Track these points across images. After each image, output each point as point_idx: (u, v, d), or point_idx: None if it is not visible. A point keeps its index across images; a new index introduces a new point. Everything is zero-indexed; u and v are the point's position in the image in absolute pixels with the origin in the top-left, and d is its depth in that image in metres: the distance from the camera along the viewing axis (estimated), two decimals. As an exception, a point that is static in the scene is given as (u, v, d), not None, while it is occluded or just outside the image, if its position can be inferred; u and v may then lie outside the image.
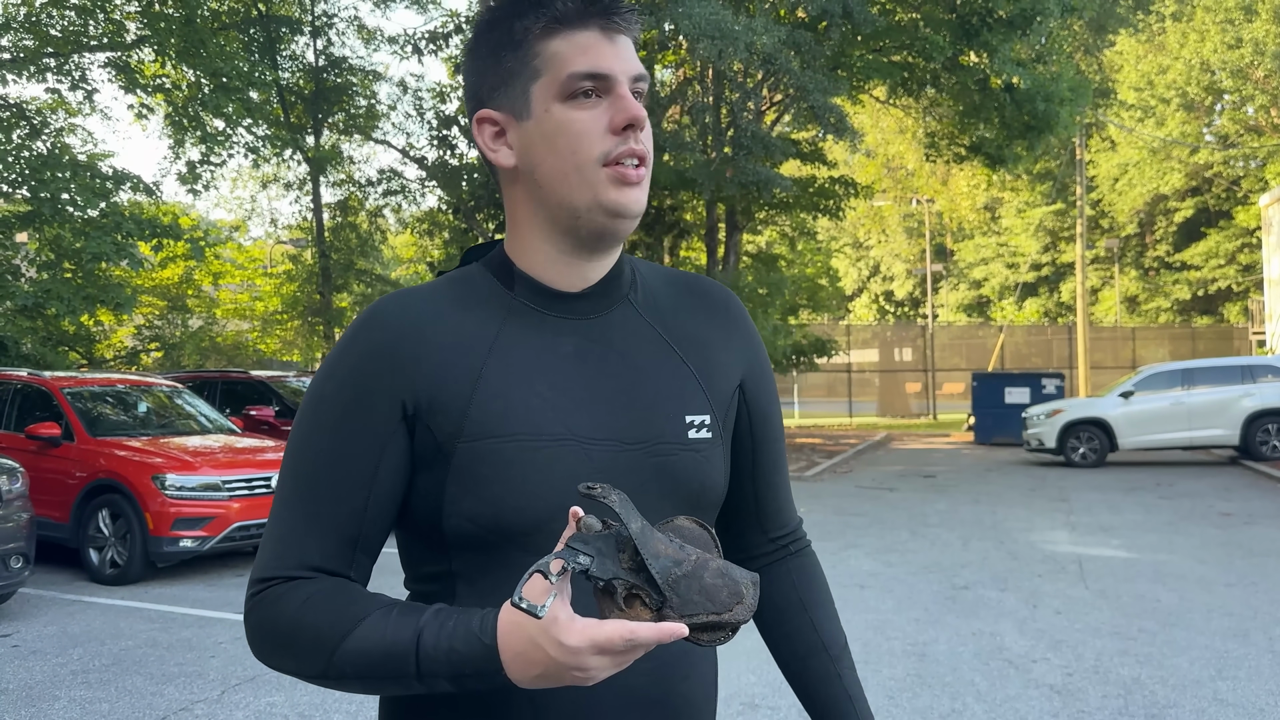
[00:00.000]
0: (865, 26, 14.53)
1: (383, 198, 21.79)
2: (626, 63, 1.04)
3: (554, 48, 1.02)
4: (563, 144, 1.02)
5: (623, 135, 1.02)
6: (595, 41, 1.02)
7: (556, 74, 1.02)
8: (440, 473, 1.01)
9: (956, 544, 8.79)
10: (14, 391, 8.87)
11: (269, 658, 1.00)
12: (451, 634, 0.90)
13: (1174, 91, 35.82)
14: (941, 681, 4.92)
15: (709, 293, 1.20)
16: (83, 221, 12.74)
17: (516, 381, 1.03)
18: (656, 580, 0.86)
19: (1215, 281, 36.09)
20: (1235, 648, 5.44)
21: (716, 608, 0.88)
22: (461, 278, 1.11)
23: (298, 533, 1.01)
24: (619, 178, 1.02)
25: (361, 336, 1.04)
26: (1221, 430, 14.97)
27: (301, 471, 1.03)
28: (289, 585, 0.99)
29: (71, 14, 14.66)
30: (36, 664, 5.41)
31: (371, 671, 0.93)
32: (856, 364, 30.16)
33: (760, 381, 1.20)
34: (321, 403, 1.04)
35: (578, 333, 1.08)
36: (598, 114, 1.02)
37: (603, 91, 1.02)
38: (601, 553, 0.86)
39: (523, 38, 1.03)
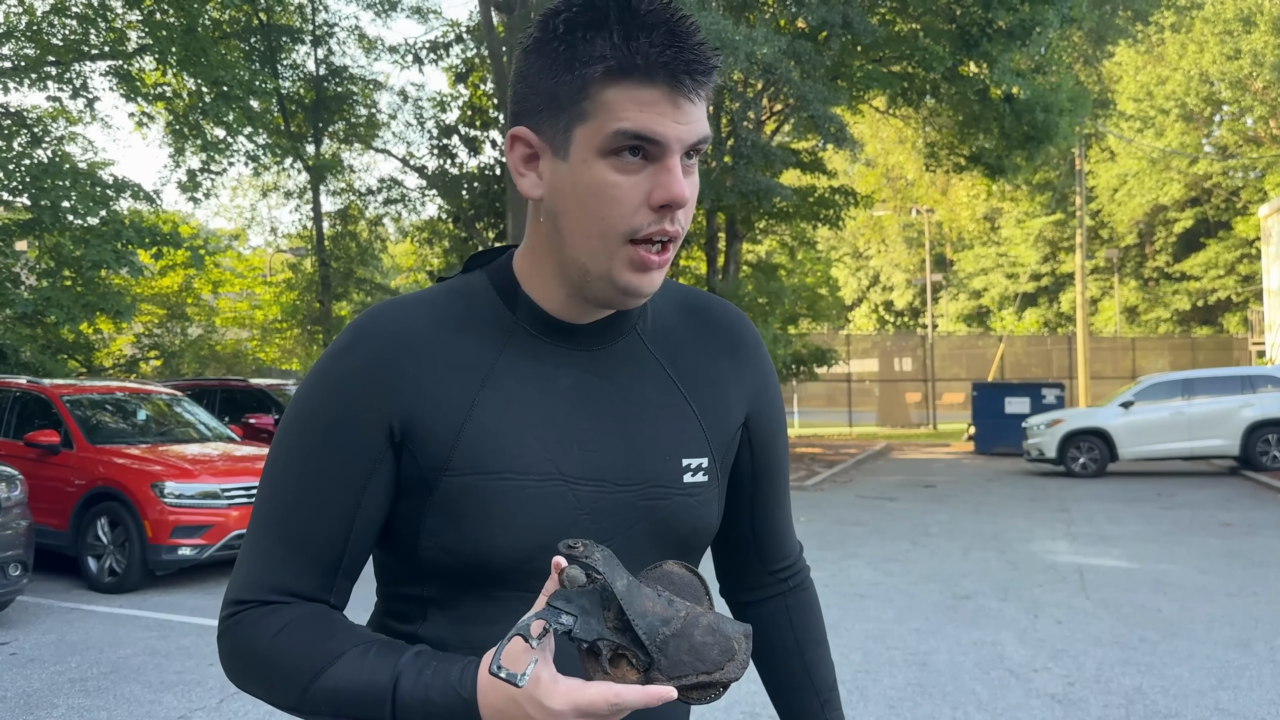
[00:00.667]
0: (865, 37, 14.57)
1: (383, 206, 21.84)
2: (686, 129, 0.92)
3: (610, 95, 0.91)
4: (592, 206, 0.93)
5: (659, 213, 0.93)
6: (657, 100, 0.91)
7: (604, 125, 0.91)
8: (420, 501, 0.97)
9: (957, 554, 8.78)
10: (13, 399, 8.86)
11: (242, 683, 0.97)
12: (429, 684, 0.87)
13: (1173, 102, 35.93)
14: (942, 691, 4.90)
15: (722, 321, 1.14)
16: (83, 229, 12.75)
17: (509, 416, 0.98)
18: (643, 641, 0.82)
19: (1215, 292, 36.13)
20: (1237, 657, 5.42)
21: (707, 667, 0.84)
22: (462, 289, 1.04)
23: (276, 556, 0.97)
24: (640, 261, 0.94)
25: (353, 350, 0.98)
26: (1222, 440, 14.96)
27: (283, 491, 0.98)
28: (265, 610, 0.95)
29: (73, 22, 14.70)
30: (35, 672, 5.39)
31: (345, 711, 0.89)
32: (856, 374, 30.16)
33: (766, 414, 1.15)
34: (307, 419, 0.98)
35: (578, 365, 1.02)
36: (638, 181, 0.92)
37: (651, 157, 0.92)
38: (585, 611, 0.82)
39: (582, 72, 0.91)
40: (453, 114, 20.75)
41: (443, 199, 19.92)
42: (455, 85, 20.55)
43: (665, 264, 0.97)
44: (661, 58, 0.90)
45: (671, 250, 0.97)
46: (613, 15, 0.91)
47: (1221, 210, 36.51)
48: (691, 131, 0.93)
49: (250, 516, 1.01)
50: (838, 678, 4.73)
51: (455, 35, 19.46)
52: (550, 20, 0.94)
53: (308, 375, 1.02)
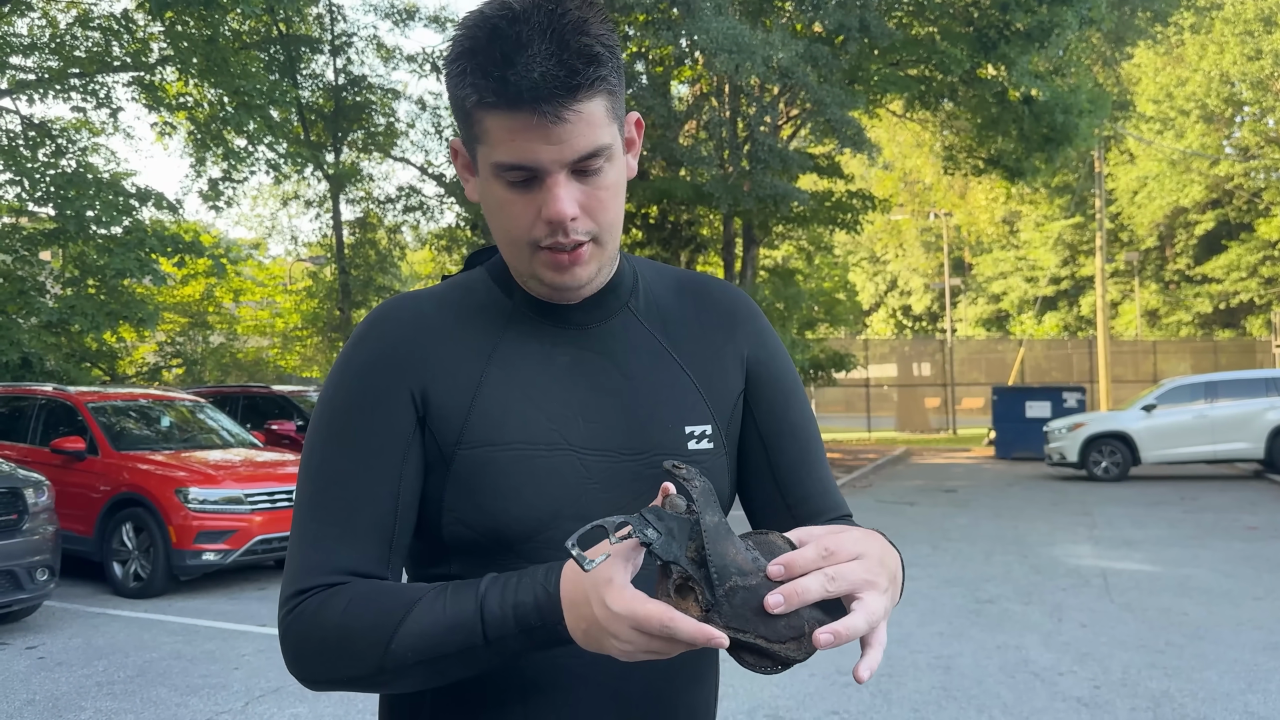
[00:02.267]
0: (882, 40, 14.55)
1: (402, 214, 21.95)
2: (563, 149, 0.94)
3: (489, 123, 0.95)
4: (498, 218, 1.00)
5: (551, 227, 0.97)
6: (525, 127, 0.93)
7: (489, 153, 0.97)
8: (440, 478, 1.01)
9: (979, 558, 8.73)
10: (39, 406, 8.95)
11: (315, 669, 0.96)
12: (516, 589, 0.90)
13: (1193, 103, 35.65)
14: (967, 695, 4.87)
15: (715, 295, 1.17)
16: (106, 239, 12.88)
17: (514, 391, 1.03)
18: (713, 580, 0.81)
19: (1237, 294, 35.78)
20: (1266, 660, 5.37)
21: (768, 634, 0.82)
22: (464, 283, 1.11)
23: (330, 539, 0.98)
24: (553, 262, 1.00)
25: (371, 336, 1.04)
26: (1245, 444, 14.81)
27: (325, 478, 1.00)
28: (327, 593, 0.96)
29: (96, 34, 14.87)
30: (62, 675, 5.44)
31: (435, 650, 0.90)
32: (875, 379, 30.05)
33: (770, 377, 1.16)
34: (340, 403, 1.02)
35: (575, 343, 1.07)
36: (531, 197, 0.97)
37: (537, 178, 0.96)
38: (671, 533, 0.82)
39: (464, 101, 0.96)
40: (470, 122, 20.82)
41: (461, 206, 20.01)
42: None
43: (582, 258, 1.00)
44: (521, 84, 0.91)
45: (587, 247, 1.00)
46: (482, 45, 0.93)
47: (1243, 212, 36.18)
48: (568, 150, 0.94)
49: (294, 513, 1.03)
50: (863, 679, 4.64)
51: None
52: (450, 43, 0.98)
53: (330, 372, 1.07)
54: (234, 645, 6.05)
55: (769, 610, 0.81)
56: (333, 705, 4.83)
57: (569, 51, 0.92)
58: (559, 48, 0.92)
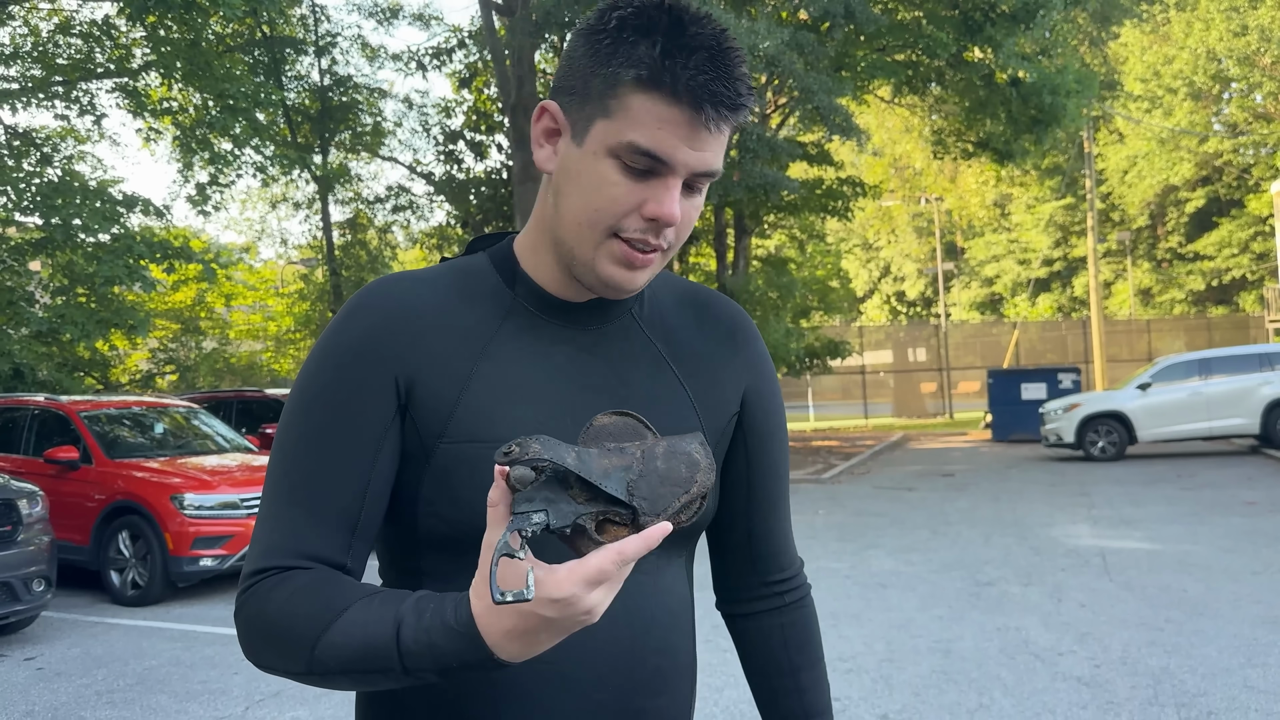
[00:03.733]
0: (868, 26, 14.51)
1: (391, 214, 21.91)
2: (697, 157, 0.94)
3: (635, 102, 0.92)
4: (590, 196, 0.96)
5: (648, 224, 0.96)
6: (677, 122, 0.92)
7: (622, 129, 0.93)
8: (418, 469, 0.99)
9: (978, 541, 8.73)
10: (31, 416, 8.92)
11: (257, 655, 0.94)
12: (429, 628, 0.84)
13: (1181, 81, 35.68)
14: (968, 677, 4.87)
15: (719, 312, 1.16)
16: (95, 246, 12.83)
17: (504, 387, 1.00)
18: (618, 497, 0.81)
19: (1229, 271, 35.85)
20: (1265, 635, 5.37)
21: (684, 486, 0.84)
22: (464, 267, 1.07)
23: (293, 522, 0.96)
24: (623, 257, 0.97)
25: (359, 316, 1.00)
26: (1241, 419, 14.84)
27: (295, 459, 0.98)
28: (281, 577, 0.94)
29: (78, 41, 14.80)
30: (61, 686, 5.42)
31: (355, 665, 0.87)
32: (870, 365, 30.06)
33: (763, 409, 1.16)
34: (318, 384, 0.99)
35: (572, 343, 1.05)
36: (637, 188, 0.95)
37: (655, 172, 0.94)
38: (551, 500, 0.80)
39: (616, 71, 0.93)
40: (458, 119, 20.81)
41: (450, 204, 19.97)
42: (459, 90, 20.59)
43: (648, 265, 0.99)
44: (693, 82, 0.91)
45: (658, 255, 0.99)
46: (661, 27, 0.93)
47: (1233, 188, 36.23)
48: (701, 160, 0.95)
49: (263, 489, 1.00)
50: (863, 666, 4.68)
51: (458, 40, 19.49)
52: (606, 13, 0.96)
53: (314, 347, 1.03)
54: (233, 650, 6.03)
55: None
56: (333, 708, 4.81)
57: (734, 77, 0.93)
58: (727, 67, 0.93)
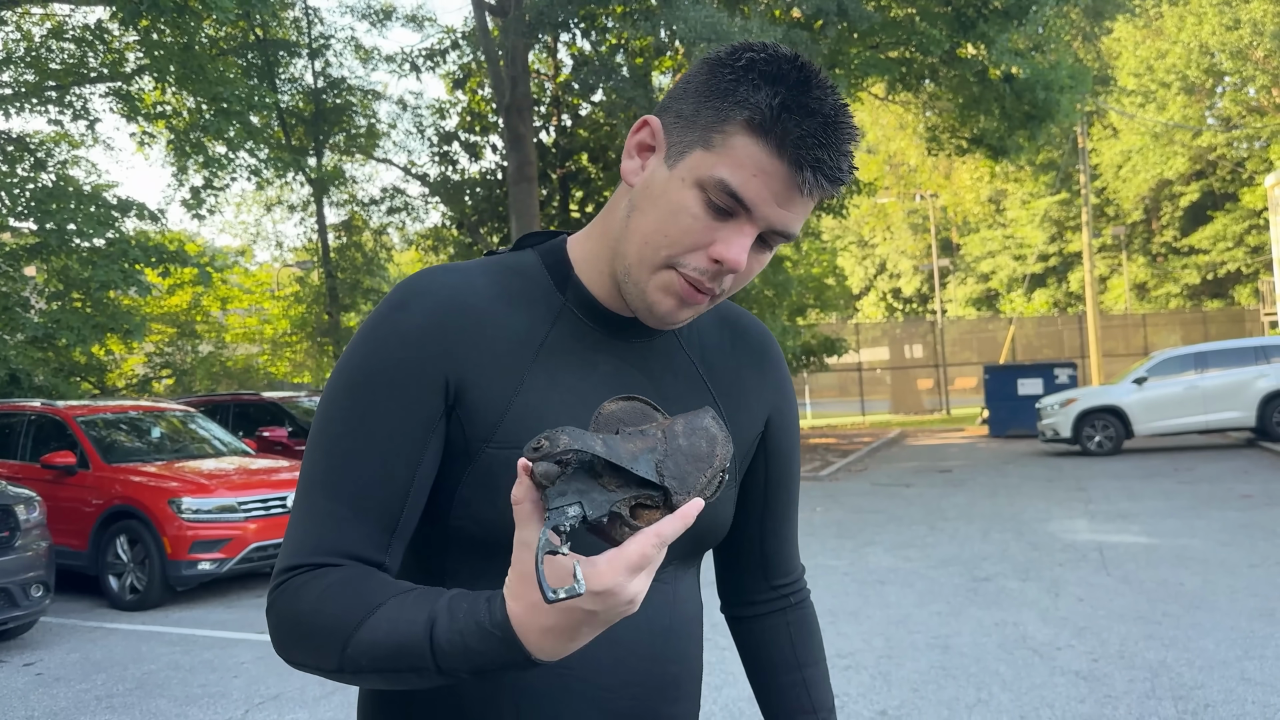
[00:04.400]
0: (861, 23, 14.51)
1: (386, 216, 21.87)
2: (781, 215, 0.94)
3: (740, 143, 0.92)
4: (664, 219, 0.95)
5: (710, 265, 0.95)
6: (775, 176, 0.92)
7: (718, 164, 0.93)
8: (458, 470, 0.97)
9: (976, 536, 8.75)
10: (28, 422, 8.91)
11: (289, 651, 0.93)
12: (463, 629, 0.83)
13: (1174, 75, 35.71)
14: (966, 673, 4.89)
15: (751, 333, 1.19)
16: (89, 251, 12.81)
17: (553, 395, 1.00)
18: (650, 480, 0.82)
19: (1224, 264, 35.91)
20: (1261, 627, 5.39)
21: (708, 461, 0.85)
22: (514, 265, 1.06)
23: (334, 517, 0.94)
24: (676, 289, 0.97)
25: (410, 306, 0.98)
26: (1237, 412, 14.87)
27: (339, 450, 0.95)
28: (315, 573, 0.92)
29: (71, 46, 14.77)
30: (61, 691, 5.42)
31: (388, 664, 0.86)
32: (867, 362, 30.08)
33: (784, 429, 1.20)
34: (363, 376, 0.96)
35: (616, 354, 1.05)
36: (713, 226, 0.94)
37: (735, 215, 0.94)
38: (583, 491, 0.80)
39: (731, 109, 0.93)
40: (452, 120, 20.78)
41: (446, 206, 19.95)
42: (453, 91, 20.57)
43: (696, 304, 0.98)
44: (802, 143, 0.91)
45: (708, 300, 0.99)
46: (788, 80, 0.92)
47: (1227, 182, 36.29)
48: (784, 220, 0.95)
49: (299, 480, 0.98)
50: (861, 663, 4.69)
51: (451, 41, 19.47)
52: (739, 51, 0.95)
53: (357, 335, 1.00)
54: (233, 653, 6.03)
55: None
56: (333, 710, 4.82)
57: (841, 151, 0.93)
58: (839, 141, 0.93)
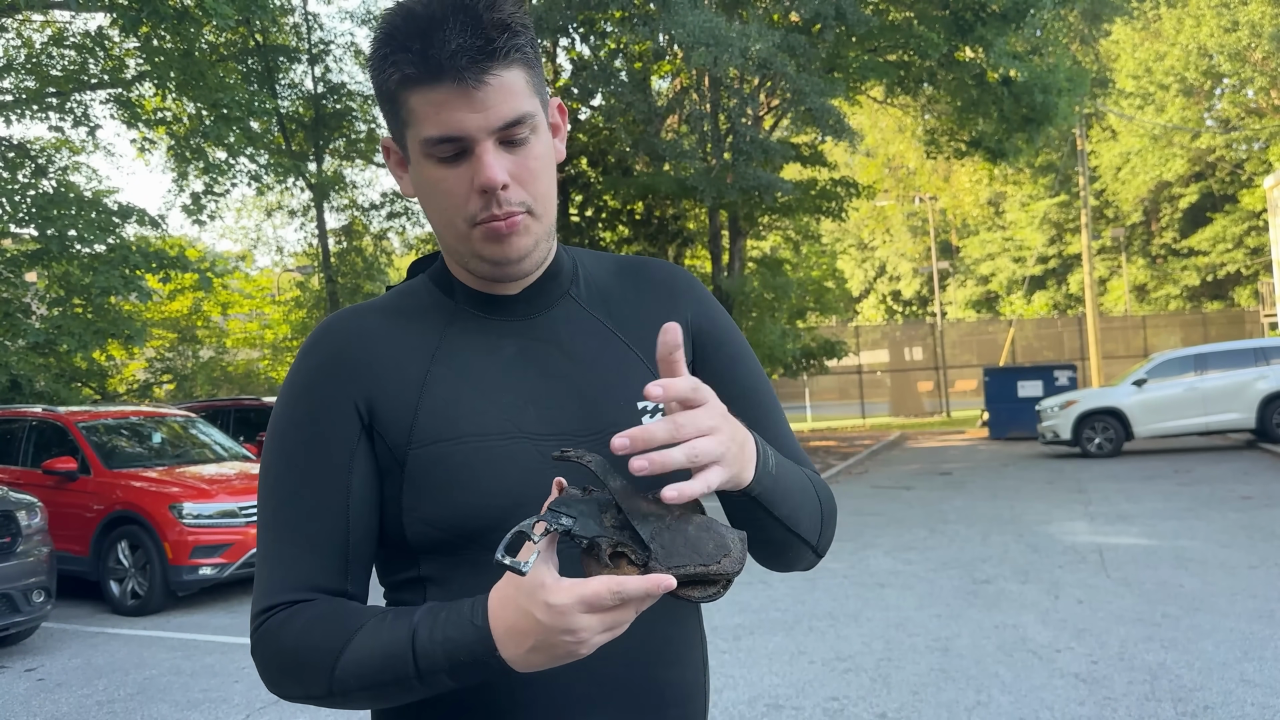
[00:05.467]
0: (859, 27, 14.56)
1: (387, 220, 21.89)
2: (487, 115, 0.97)
3: (413, 103, 0.98)
4: (434, 201, 1.02)
5: (485, 198, 0.99)
6: (449, 98, 0.96)
7: (417, 132, 0.99)
8: (396, 480, 1.02)
9: (975, 539, 8.76)
10: (29, 428, 8.92)
11: (279, 688, 0.99)
12: (445, 624, 0.89)
13: (1172, 77, 35.76)
14: (966, 675, 4.90)
15: (653, 272, 1.19)
16: (90, 257, 12.82)
17: (462, 385, 1.04)
18: (641, 535, 0.85)
19: (1224, 266, 35.93)
20: (1261, 629, 5.40)
21: (703, 559, 0.86)
22: (407, 290, 1.13)
23: (288, 556, 1.00)
24: (490, 234, 1.01)
25: (313, 351, 1.06)
26: (1237, 414, 14.87)
27: (278, 493, 1.03)
28: (289, 611, 0.98)
29: (71, 53, 14.79)
30: (62, 696, 5.43)
31: (373, 680, 0.92)
32: (867, 365, 30.09)
33: (716, 341, 1.16)
34: (286, 421, 1.04)
35: (520, 334, 1.09)
36: (462, 172, 0.99)
37: (465, 150, 0.98)
38: (584, 514, 0.86)
39: (388, 85, 0.99)
40: (452, 125, 20.77)
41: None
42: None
43: (516, 229, 1.01)
44: (441, 55, 0.94)
45: (522, 218, 1.01)
46: (399, 27, 0.97)
47: (1226, 184, 36.32)
48: (493, 116, 0.97)
49: (257, 529, 1.05)
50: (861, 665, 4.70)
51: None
52: (371, 41, 1.01)
53: (281, 386, 1.09)
54: (234, 659, 6.04)
55: (634, 473, 0.83)
56: (334, 713, 4.82)
57: (483, 24, 0.95)
58: (473, 20, 0.95)
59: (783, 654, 5.44)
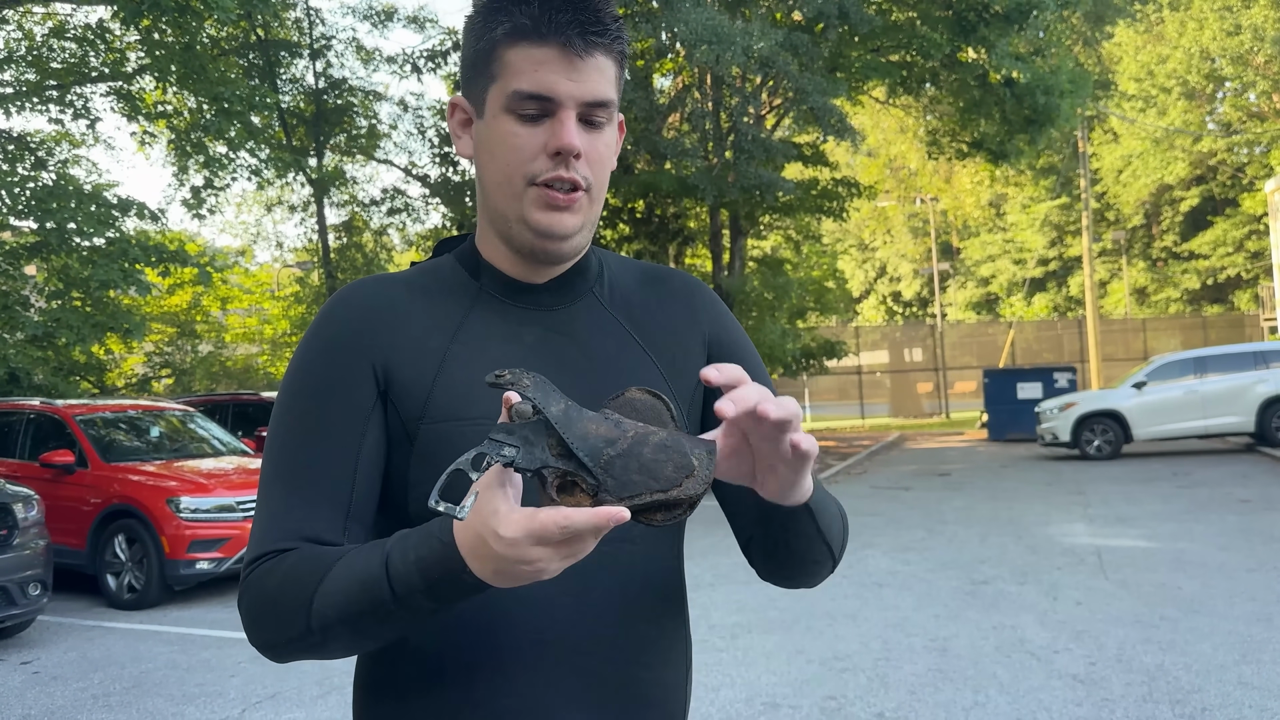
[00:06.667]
0: (862, 27, 14.53)
1: (387, 217, 21.87)
2: (580, 86, 1.00)
3: (510, 57, 1.00)
4: (499, 155, 1.03)
5: (554, 160, 1.01)
6: (551, 59, 0.99)
7: (506, 84, 1.01)
8: (405, 454, 1.03)
9: (974, 540, 8.75)
10: (27, 420, 8.90)
11: (261, 634, 0.97)
12: (416, 545, 0.87)
13: (1175, 80, 35.74)
14: (963, 676, 4.88)
15: (675, 283, 1.20)
16: (89, 250, 12.81)
17: (479, 366, 1.04)
18: (586, 463, 0.81)
19: (1224, 270, 35.93)
20: (1259, 632, 5.39)
21: (661, 485, 0.82)
22: (432, 267, 1.13)
23: (286, 506, 1.00)
24: (545, 200, 1.02)
25: (335, 314, 1.06)
26: (1236, 417, 14.87)
27: (287, 447, 1.02)
28: (278, 559, 0.97)
29: (72, 45, 14.78)
30: (58, 689, 5.42)
31: (350, 608, 0.90)
32: (867, 366, 30.08)
33: (727, 354, 1.18)
34: (299, 381, 1.04)
35: (540, 324, 1.09)
36: (537, 132, 1.01)
37: (548, 112, 1.00)
38: (529, 441, 0.81)
39: (490, 36, 1.02)
40: (453, 121, 20.75)
41: (446, 207, 19.95)
42: (454, 93, 20.57)
43: (572, 204, 1.03)
44: (555, 19, 0.98)
45: (581, 195, 1.03)
46: None
47: (1227, 187, 36.31)
48: (585, 89, 1.00)
49: (258, 487, 1.04)
50: (859, 665, 4.69)
51: (453, 43, 19.48)
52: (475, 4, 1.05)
53: (296, 348, 1.08)
54: (230, 653, 6.03)
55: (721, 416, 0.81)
56: (329, 710, 4.81)
57: (597, 7, 1.00)
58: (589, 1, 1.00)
59: (780, 653, 5.43)
